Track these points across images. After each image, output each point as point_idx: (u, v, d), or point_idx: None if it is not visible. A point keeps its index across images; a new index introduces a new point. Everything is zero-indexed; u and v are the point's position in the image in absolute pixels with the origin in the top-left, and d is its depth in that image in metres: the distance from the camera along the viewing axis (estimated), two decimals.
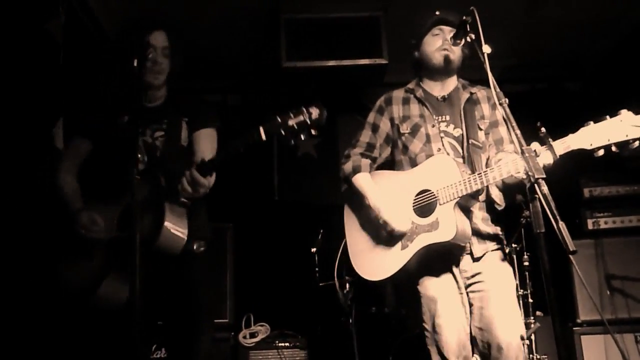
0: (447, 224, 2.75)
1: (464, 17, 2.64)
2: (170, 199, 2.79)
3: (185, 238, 2.83)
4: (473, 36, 2.59)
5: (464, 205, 2.83)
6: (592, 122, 2.41)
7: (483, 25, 2.52)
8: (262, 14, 4.93)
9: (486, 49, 2.47)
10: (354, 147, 3.20)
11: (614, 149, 2.38)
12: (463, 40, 2.72)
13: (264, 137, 2.54)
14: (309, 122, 2.51)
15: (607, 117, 2.38)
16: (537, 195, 2.08)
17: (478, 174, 2.70)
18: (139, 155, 2.94)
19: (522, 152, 2.21)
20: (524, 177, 2.22)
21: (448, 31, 2.99)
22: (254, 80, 5.84)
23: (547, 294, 2.04)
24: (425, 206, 2.86)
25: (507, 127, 2.32)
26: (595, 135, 2.38)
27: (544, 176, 2.10)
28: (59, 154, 3.41)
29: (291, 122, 2.51)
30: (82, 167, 3.14)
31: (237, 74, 5.77)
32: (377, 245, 2.99)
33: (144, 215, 2.68)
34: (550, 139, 2.42)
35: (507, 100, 2.38)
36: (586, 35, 5.37)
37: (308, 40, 4.86)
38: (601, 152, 2.40)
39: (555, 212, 2.03)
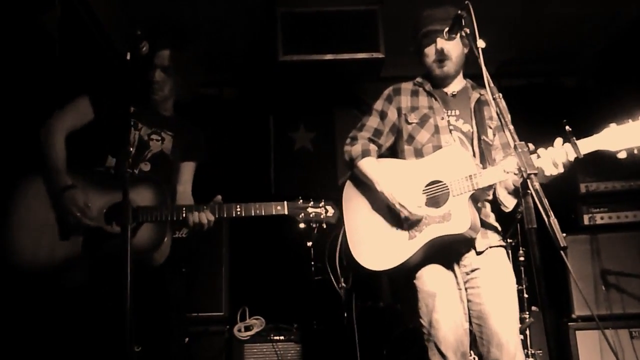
0: (461, 216, 2.71)
1: (459, 12, 2.63)
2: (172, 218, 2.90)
3: (168, 253, 3.02)
4: (468, 30, 2.58)
5: (476, 199, 2.81)
6: (614, 124, 2.46)
7: (480, 19, 2.50)
8: (258, 8, 4.90)
9: (481, 43, 2.46)
10: (361, 130, 3.09)
11: (636, 151, 2.44)
12: (457, 35, 2.72)
13: (286, 211, 2.89)
14: (323, 216, 2.91)
15: (630, 120, 2.44)
16: (529, 191, 2.08)
17: (494, 168, 2.70)
18: (130, 149, 3.01)
19: (515, 147, 2.21)
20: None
21: (440, 28, 2.85)
22: (250, 74, 5.82)
23: (538, 290, 2.05)
24: (436, 197, 2.81)
25: (500, 122, 2.32)
26: (619, 138, 2.45)
27: (537, 172, 2.11)
28: None
29: (310, 210, 2.90)
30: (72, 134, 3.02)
31: (233, 67, 5.75)
32: (382, 233, 2.89)
33: (148, 225, 2.84)
34: (574, 138, 2.47)
35: (500, 95, 2.38)
36: (583, 31, 5.36)
37: (305, 34, 4.83)
38: (624, 155, 2.46)
39: (547, 207, 2.03)
